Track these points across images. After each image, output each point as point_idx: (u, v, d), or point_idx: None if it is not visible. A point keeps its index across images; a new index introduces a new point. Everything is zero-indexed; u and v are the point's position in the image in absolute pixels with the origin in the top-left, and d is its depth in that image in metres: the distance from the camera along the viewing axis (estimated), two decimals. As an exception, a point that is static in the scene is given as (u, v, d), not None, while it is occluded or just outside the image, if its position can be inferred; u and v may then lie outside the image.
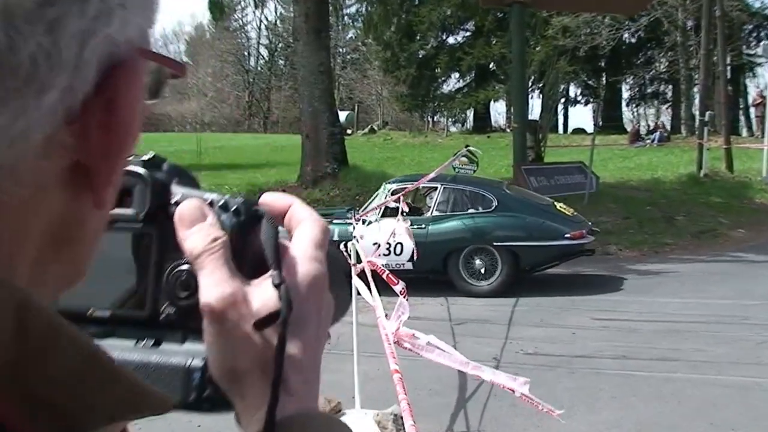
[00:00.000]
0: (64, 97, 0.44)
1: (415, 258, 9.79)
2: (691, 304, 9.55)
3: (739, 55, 38.11)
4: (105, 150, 0.48)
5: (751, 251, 13.64)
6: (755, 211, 17.50)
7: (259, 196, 0.66)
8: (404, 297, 5.24)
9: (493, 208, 11.17)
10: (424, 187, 12.03)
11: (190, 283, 0.61)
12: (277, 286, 0.60)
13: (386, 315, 4.96)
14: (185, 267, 0.61)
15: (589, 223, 11.94)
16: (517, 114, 17.83)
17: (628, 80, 43.71)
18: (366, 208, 11.52)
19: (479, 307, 9.96)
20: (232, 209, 0.63)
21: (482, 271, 10.92)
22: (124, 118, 0.48)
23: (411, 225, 10.80)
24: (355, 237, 6.51)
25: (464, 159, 14.47)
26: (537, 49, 33.39)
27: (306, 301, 0.62)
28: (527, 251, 10.86)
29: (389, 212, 11.14)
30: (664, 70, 41.03)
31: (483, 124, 42.13)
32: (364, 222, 9.91)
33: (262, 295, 0.60)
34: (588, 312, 9.36)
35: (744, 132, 37.79)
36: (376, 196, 11.77)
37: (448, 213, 11.26)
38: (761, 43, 32.85)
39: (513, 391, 3.99)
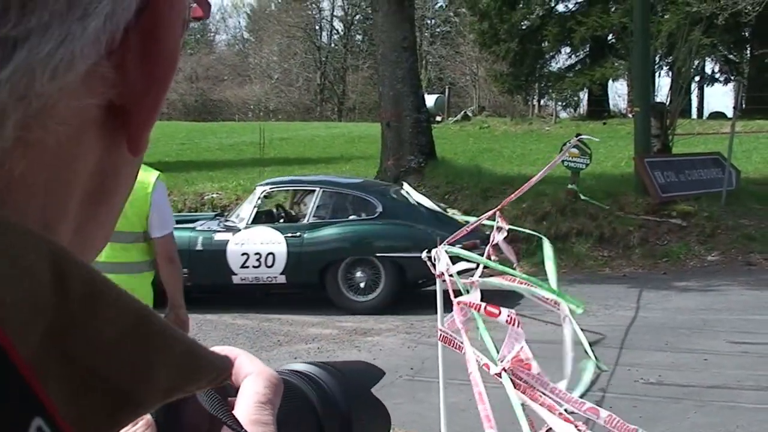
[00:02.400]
0: (107, 24, 0.47)
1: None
2: None
3: None
4: (145, 84, 0.50)
5: None
6: None
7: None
8: (514, 325, 5.13)
9: (377, 214, 11.44)
10: (301, 191, 12.45)
11: None
12: None
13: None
14: None
15: (486, 233, 12.11)
16: (640, 96, 17.62)
17: (778, 53, 42.67)
18: (234, 211, 11.98)
19: (592, 327, 9.92)
20: None
21: (363, 285, 11.27)
22: (166, 46, 0.51)
23: (286, 234, 11.20)
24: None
25: (575, 150, 14.46)
26: (665, 17, 32.88)
27: None
28: (413, 263, 10.75)
29: (263, 218, 11.55)
30: (825, 40, 39.89)
31: (599, 108, 41.63)
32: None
33: None
34: (724, 334, 9.23)
35: None
36: (245, 200, 12.13)
37: (327, 220, 11.52)
38: None
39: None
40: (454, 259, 6.12)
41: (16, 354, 0.39)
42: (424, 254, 6.26)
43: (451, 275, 5.72)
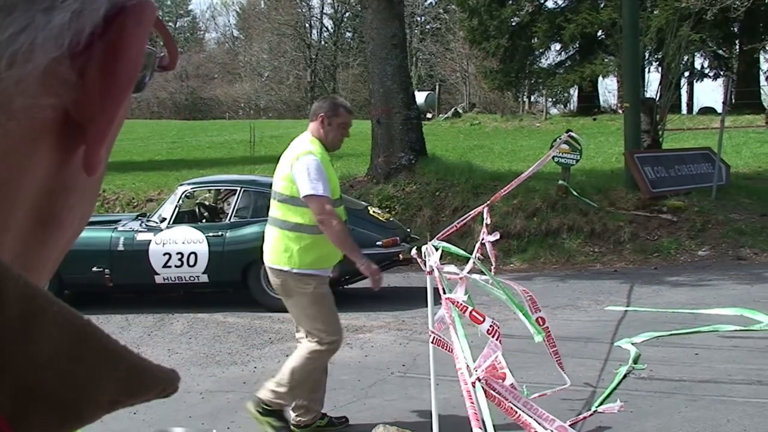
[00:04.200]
0: (73, 23, 0.47)
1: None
2: (842, 319, 9.34)
3: None
4: (102, 98, 0.50)
5: None
6: None
7: None
8: (495, 337, 5.18)
9: None
10: (223, 190, 12.69)
11: None
12: None
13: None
14: None
15: (407, 230, 12.56)
16: (630, 92, 17.62)
17: (767, 48, 42.75)
18: (156, 211, 11.99)
19: (583, 322, 9.93)
20: None
21: None
22: (127, 66, 0.50)
23: (208, 233, 11.26)
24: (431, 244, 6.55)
25: (565, 147, 14.44)
26: (654, 13, 32.87)
27: None
28: None
29: (186, 218, 11.64)
30: (813, 35, 39.99)
31: (589, 104, 41.69)
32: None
33: None
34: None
35: None
36: (167, 200, 12.23)
37: (248, 219, 11.53)
38: None
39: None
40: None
41: None
42: (414, 250, 6.25)
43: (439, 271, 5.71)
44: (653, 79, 40.60)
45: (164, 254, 11.17)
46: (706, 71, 44.95)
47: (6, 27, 0.44)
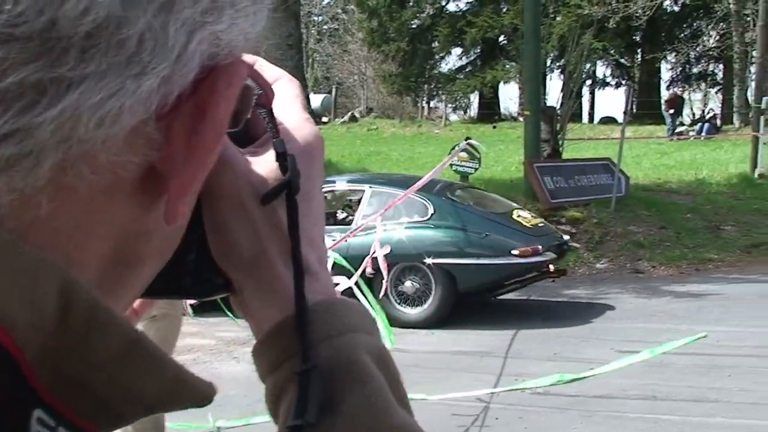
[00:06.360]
0: (162, 88, 0.49)
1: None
2: (738, 334, 9.57)
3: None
4: (186, 156, 0.53)
5: (814, 270, 13.70)
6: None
7: None
8: None
9: (428, 216, 10.85)
10: (350, 191, 11.87)
11: None
12: (281, 155, 0.67)
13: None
14: None
15: (563, 238, 11.81)
16: (531, 99, 17.87)
17: (669, 58, 43.85)
18: None
19: (480, 336, 10.01)
20: None
21: (414, 295, 10.68)
22: (212, 126, 0.54)
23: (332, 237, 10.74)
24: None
25: (464, 154, 14.54)
26: (557, 19, 33.47)
27: (311, 168, 0.71)
28: (463, 271, 10.50)
29: None
30: (714, 45, 41.09)
31: (490, 111, 42.15)
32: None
33: (263, 166, 0.69)
34: (610, 343, 9.41)
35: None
36: None
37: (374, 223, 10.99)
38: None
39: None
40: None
41: (24, 360, 0.46)
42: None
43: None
44: (555, 87, 41.41)
45: None
46: (608, 80, 46.01)
47: (97, 92, 0.46)
